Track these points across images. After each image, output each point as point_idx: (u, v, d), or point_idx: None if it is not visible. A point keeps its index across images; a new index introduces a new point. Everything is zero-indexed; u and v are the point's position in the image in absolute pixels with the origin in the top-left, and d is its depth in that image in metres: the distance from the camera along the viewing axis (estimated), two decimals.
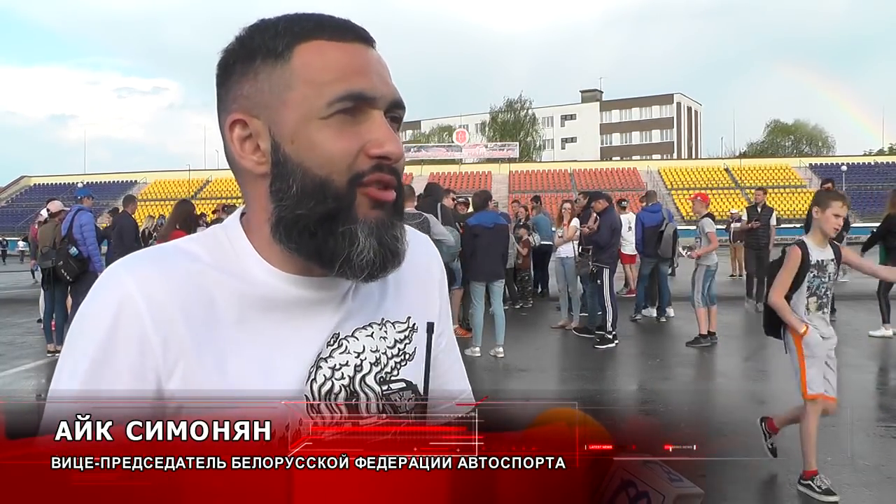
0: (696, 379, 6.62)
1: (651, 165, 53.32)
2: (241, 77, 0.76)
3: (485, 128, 67.99)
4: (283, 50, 0.74)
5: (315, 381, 0.78)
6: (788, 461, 4.50)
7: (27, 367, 7.83)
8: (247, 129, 0.76)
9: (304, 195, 0.74)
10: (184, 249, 0.78)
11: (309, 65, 0.74)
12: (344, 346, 0.81)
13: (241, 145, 0.77)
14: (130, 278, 0.73)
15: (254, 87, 0.76)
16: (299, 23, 0.76)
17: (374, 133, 0.74)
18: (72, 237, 7.67)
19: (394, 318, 0.86)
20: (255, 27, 0.77)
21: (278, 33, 0.75)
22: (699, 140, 79.82)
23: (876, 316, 8.73)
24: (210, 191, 50.08)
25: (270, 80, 0.75)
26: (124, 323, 0.71)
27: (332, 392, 0.78)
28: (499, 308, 7.73)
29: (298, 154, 0.74)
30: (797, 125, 69.50)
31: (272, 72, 0.75)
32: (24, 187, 55.59)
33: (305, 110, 0.73)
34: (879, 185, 43.36)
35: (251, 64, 0.76)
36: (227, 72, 0.78)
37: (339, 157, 0.73)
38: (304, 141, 0.73)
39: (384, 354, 0.84)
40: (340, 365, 0.80)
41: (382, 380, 0.83)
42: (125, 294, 0.72)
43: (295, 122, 0.74)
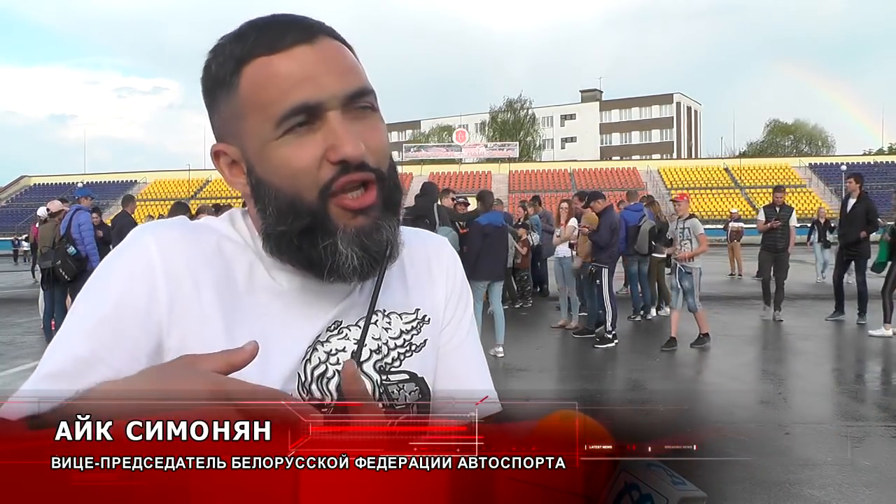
0: (697, 379, 6.62)
1: (651, 165, 53.31)
2: (211, 109, 0.80)
3: (484, 127, 67.99)
4: (230, 78, 0.75)
5: (309, 361, 0.79)
6: (788, 461, 4.51)
7: (27, 366, 7.83)
8: (228, 157, 0.79)
9: (281, 213, 0.76)
10: (206, 224, 0.83)
11: (252, 89, 0.74)
12: (344, 334, 0.82)
13: (230, 170, 0.80)
14: (152, 237, 0.76)
15: (219, 119, 0.79)
16: (242, 40, 0.75)
17: (329, 139, 0.73)
18: (70, 237, 7.68)
19: (401, 310, 0.87)
20: (213, 50, 0.78)
21: (226, 59, 0.76)
22: (699, 140, 79.87)
23: (876, 315, 8.73)
24: (210, 191, 50.03)
25: (229, 111, 0.77)
26: (138, 275, 0.74)
27: (325, 376, 0.79)
28: (498, 307, 7.74)
29: (267, 175, 0.76)
30: (797, 125, 69.53)
31: (227, 102, 0.77)
32: (24, 187, 55.56)
33: (259, 136, 0.75)
34: (879, 185, 43.37)
35: (213, 97, 0.78)
36: (205, 101, 0.81)
37: (301, 173, 0.74)
38: (266, 164, 0.75)
39: (385, 344, 0.84)
40: (337, 350, 0.81)
41: (382, 369, 0.83)
42: (144, 248, 0.75)
43: (254, 148, 0.76)
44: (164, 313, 0.74)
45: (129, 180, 54.96)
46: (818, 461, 4.45)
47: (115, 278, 0.75)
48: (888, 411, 5.55)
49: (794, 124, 69.67)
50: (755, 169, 50.99)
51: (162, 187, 52.79)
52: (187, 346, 0.72)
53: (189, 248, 0.77)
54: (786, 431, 5.07)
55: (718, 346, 8.25)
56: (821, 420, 5.23)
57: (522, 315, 10.92)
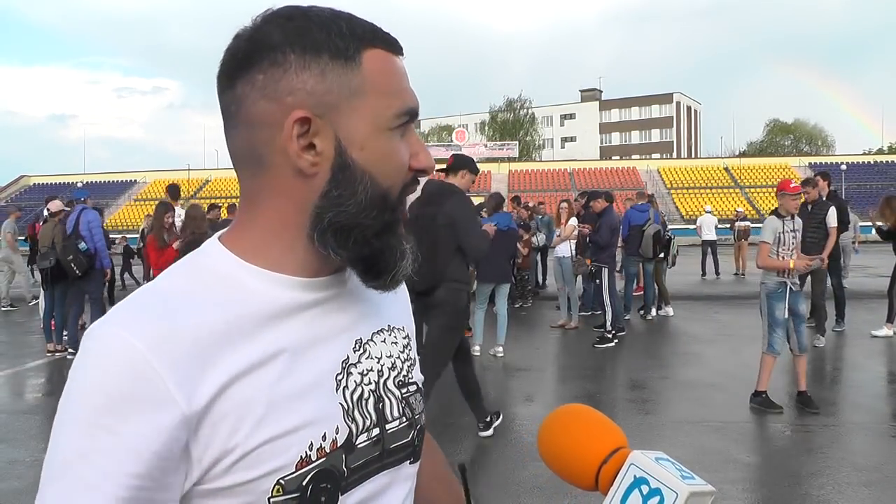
0: (697, 378, 6.62)
1: (650, 165, 53.31)
2: (303, 70, 0.71)
3: (484, 127, 68.00)
4: (353, 53, 0.72)
5: (347, 388, 0.77)
6: (788, 461, 4.51)
7: (27, 366, 7.84)
8: (305, 126, 0.71)
9: (369, 204, 0.73)
10: (164, 288, 0.72)
11: (378, 73, 0.73)
12: (368, 352, 0.81)
13: (299, 143, 0.72)
14: (125, 332, 0.66)
15: (321, 86, 0.71)
16: (358, 26, 0.74)
17: (414, 147, 0.76)
18: (79, 233, 7.77)
19: (395, 325, 0.88)
20: (304, 17, 0.73)
21: (343, 34, 0.72)
22: (699, 139, 79.90)
23: (876, 315, 8.73)
24: (210, 190, 50.02)
25: (340, 82, 0.72)
26: (138, 382, 0.64)
27: (363, 398, 0.78)
28: (503, 308, 7.75)
29: (367, 162, 0.73)
30: (797, 124, 69.59)
31: (342, 73, 0.72)
32: (24, 187, 55.52)
33: (376, 119, 0.73)
34: (879, 185, 43.37)
35: (317, 59, 0.71)
36: (272, 56, 0.71)
37: (401, 169, 0.75)
38: (374, 150, 0.73)
39: (398, 359, 0.85)
40: (367, 370, 0.80)
41: (401, 383, 0.85)
42: (125, 346, 0.65)
43: (366, 129, 0.73)
44: (182, 406, 0.65)
45: (129, 180, 54.96)
46: (818, 461, 4.45)
47: (106, 396, 0.64)
48: (888, 411, 5.55)
49: (794, 124, 69.74)
50: (755, 168, 50.99)
51: (162, 187, 52.42)
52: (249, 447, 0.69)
53: (166, 323, 0.67)
54: (786, 431, 5.07)
55: (719, 345, 8.26)
56: (821, 419, 5.23)
57: (522, 315, 10.93)
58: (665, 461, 0.69)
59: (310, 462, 0.71)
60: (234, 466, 0.68)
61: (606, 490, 0.70)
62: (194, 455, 0.67)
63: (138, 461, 0.63)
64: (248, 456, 0.68)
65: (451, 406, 5.29)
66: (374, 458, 0.78)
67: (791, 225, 5.40)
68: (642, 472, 0.68)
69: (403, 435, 0.82)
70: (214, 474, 0.68)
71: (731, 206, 32.72)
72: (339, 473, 0.74)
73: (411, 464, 0.85)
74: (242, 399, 0.68)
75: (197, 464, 0.67)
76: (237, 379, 0.68)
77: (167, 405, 0.64)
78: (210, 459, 0.67)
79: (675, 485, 0.66)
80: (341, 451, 0.74)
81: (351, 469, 0.75)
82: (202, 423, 0.66)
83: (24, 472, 4.36)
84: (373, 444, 0.78)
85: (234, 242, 0.76)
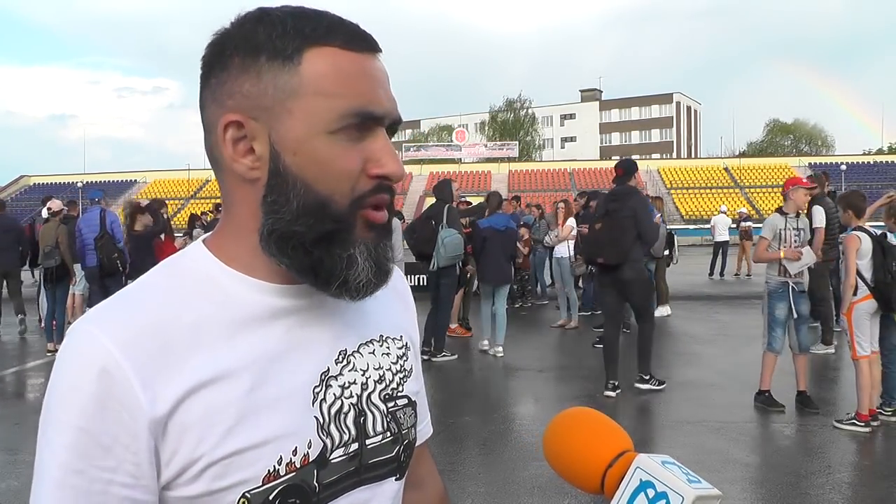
0: (697, 378, 6.62)
1: (650, 165, 53.27)
2: (242, 73, 0.70)
3: (484, 127, 68.02)
4: (291, 52, 0.69)
5: (324, 401, 0.75)
6: (788, 461, 4.51)
7: (27, 366, 7.84)
8: (242, 131, 0.70)
9: (303, 212, 0.69)
10: (143, 288, 0.73)
11: (319, 73, 0.69)
12: (352, 364, 0.78)
13: (234, 147, 0.71)
14: (98, 330, 0.67)
15: (256, 87, 0.70)
16: (310, 23, 0.70)
17: (376, 152, 0.71)
18: (108, 233, 7.94)
19: (390, 335, 0.85)
20: (257, 19, 0.71)
21: (286, 32, 0.69)
22: (698, 139, 79.94)
23: None
24: (209, 190, 50.05)
25: (276, 83, 0.69)
26: (106, 383, 0.65)
27: (342, 412, 0.76)
28: (501, 308, 7.74)
29: (300, 167, 0.69)
30: (796, 124, 69.56)
31: (278, 74, 0.69)
32: (24, 187, 55.54)
33: (312, 122, 0.69)
34: (879, 185, 43.38)
35: (254, 61, 0.70)
36: (222, 61, 0.71)
37: (344, 176, 0.70)
38: (308, 154, 0.69)
39: (388, 371, 0.82)
40: (349, 383, 0.77)
41: (388, 397, 0.81)
42: (96, 345, 0.66)
43: (300, 133, 0.69)
44: (146, 409, 0.66)
45: (129, 180, 54.98)
46: (818, 461, 4.45)
47: (81, 397, 0.66)
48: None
49: (793, 124, 69.71)
50: (755, 169, 51.01)
51: (162, 187, 52.74)
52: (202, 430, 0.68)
53: (140, 320, 0.69)
54: (785, 431, 5.07)
55: (718, 345, 8.26)
56: (821, 419, 5.23)
57: (522, 315, 10.93)
58: (671, 465, 0.69)
59: (278, 476, 0.69)
60: (200, 476, 0.67)
61: (612, 493, 0.70)
62: (163, 459, 0.67)
63: (111, 458, 0.65)
64: (213, 466, 0.67)
65: (452, 406, 5.29)
66: (349, 472, 0.76)
67: (795, 223, 5.40)
68: (648, 475, 0.68)
69: (386, 450, 0.79)
70: (182, 481, 0.67)
71: (731, 206, 32.67)
72: (309, 489, 0.72)
73: (396, 480, 0.82)
74: (211, 407, 0.67)
75: (165, 468, 0.67)
76: (206, 385, 0.68)
77: (133, 407, 0.65)
78: (178, 466, 0.67)
79: (681, 489, 0.66)
80: (313, 466, 0.72)
81: (323, 485, 0.73)
82: (167, 428, 0.66)
83: (23, 472, 4.37)
84: (349, 460, 0.76)
85: (215, 245, 0.76)
